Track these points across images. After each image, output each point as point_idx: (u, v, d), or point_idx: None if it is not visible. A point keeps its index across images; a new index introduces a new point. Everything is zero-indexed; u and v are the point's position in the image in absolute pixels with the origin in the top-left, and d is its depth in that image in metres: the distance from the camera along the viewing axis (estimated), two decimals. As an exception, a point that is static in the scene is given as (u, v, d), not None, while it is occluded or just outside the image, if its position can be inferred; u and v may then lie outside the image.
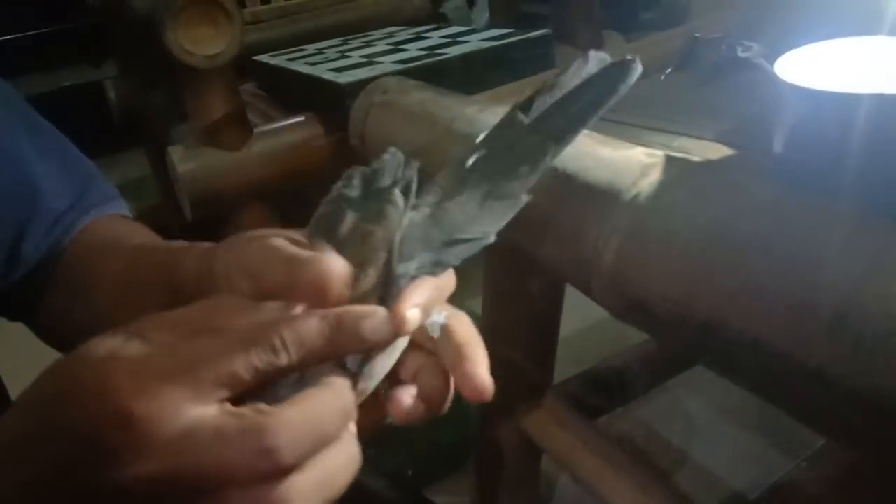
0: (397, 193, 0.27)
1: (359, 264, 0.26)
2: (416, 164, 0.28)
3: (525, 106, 0.30)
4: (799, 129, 0.39)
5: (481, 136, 0.30)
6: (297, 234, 0.29)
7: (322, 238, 0.27)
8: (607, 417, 0.78)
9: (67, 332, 0.44)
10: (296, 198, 0.95)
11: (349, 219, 0.27)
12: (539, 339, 0.66)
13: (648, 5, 1.51)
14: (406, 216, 0.27)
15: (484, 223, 0.28)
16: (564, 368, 0.76)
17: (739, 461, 0.91)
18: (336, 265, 0.25)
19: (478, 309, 0.70)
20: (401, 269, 0.26)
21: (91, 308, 0.41)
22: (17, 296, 0.45)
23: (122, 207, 0.50)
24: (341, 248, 0.26)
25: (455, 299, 0.30)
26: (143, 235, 0.45)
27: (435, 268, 0.27)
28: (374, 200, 0.27)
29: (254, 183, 0.92)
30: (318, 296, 0.25)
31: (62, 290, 0.45)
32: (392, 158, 0.28)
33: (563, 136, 0.30)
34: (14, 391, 0.49)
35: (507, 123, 0.30)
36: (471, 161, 0.29)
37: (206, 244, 0.33)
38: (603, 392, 0.70)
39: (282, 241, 0.28)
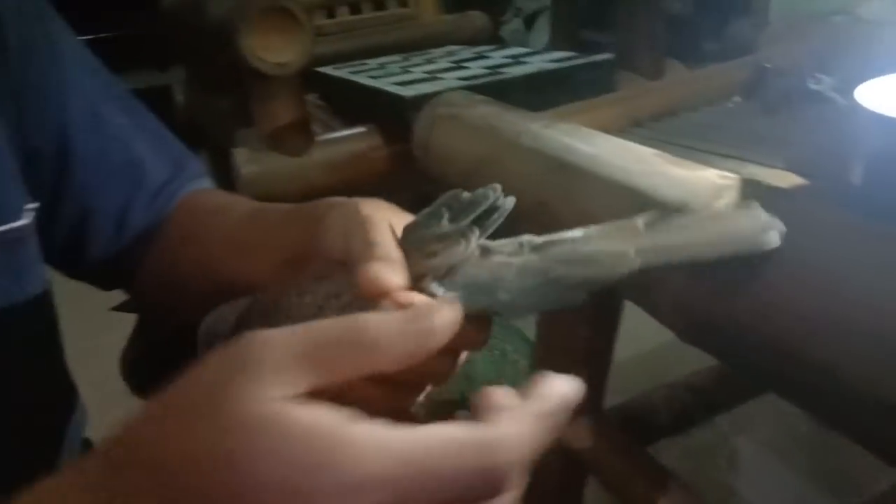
0: (475, 232, 0.28)
1: (414, 275, 0.28)
2: (508, 207, 0.29)
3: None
4: (880, 159, 0.39)
5: (591, 228, 0.30)
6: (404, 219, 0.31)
7: (407, 240, 0.29)
8: (653, 448, 0.76)
9: (170, 285, 0.48)
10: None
11: (429, 235, 0.29)
12: (593, 361, 0.65)
13: (712, 37, 1.50)
14: (471, 253, 0.28)
15: (534, 299, 0.28)
16: (609, 398, 0.75)
17: (786, 502, 0.88)
18: (392, 279, 0.26)
19: (530, 329, 0.70)
20: (436, 289, 0.28)
21: (204, 255, 0.45)
22: (121, 263, 0.48)
23: (211, 184, 0.53)
24: (409, 255, 0.29)
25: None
26: (252, 200, 0.48)
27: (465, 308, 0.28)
28: (456, 228, 0.29)
29: (313, 189, 0.94)
30: (370, 291, 0.26)
31: (167, 250, 0.48)
32: (492, 193, 0.29)
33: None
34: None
35: (622, 225, 0.29)
36: (569, 236, 0.29)
37: (340, 199, 0.35)
38: (652, 421, 0.69)
39: (380, 226, 0.30)
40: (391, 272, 0.27)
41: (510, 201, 0.29)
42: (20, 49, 0.43)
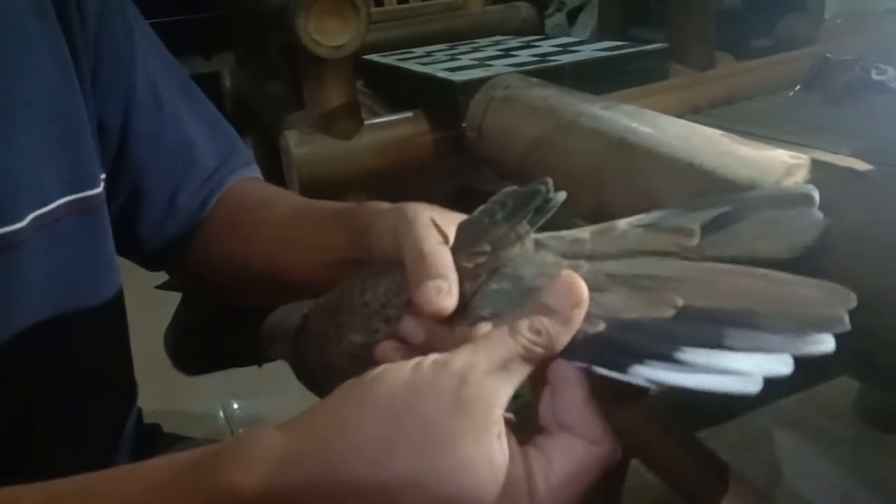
0: (529, 233, 0.29)
1: (465, 274, 0.29)
2: (559, 201, 0.30)
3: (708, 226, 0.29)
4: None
5: (647, 217, 0.29)
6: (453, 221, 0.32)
7: (461, 239, 0.31)
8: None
9: (220, 270, 0.49)
10: (400, 190, 0.97)
11: (484, 234, 0.30)
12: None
13: (762, 32, 1.48)
14: (526, 251, 0.29)
15: None
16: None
17: (828, 497, 0.87)
18: (444, 303, 0.29)
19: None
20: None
21: (247, 249, 0.46)
22: (167, 245, 0.49)
23: (258, 172, 0.54)
24: (460, 255, 0.30)
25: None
26: (297, 196, 0.49)
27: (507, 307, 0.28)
28: (511, 228, 0.29)
29: (361, 172, 0.95)
30: (426, 314, 0.29)
31: (212, 236, 0.48)
32: (544, 188, 0.30)
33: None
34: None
35: (676, 230, 0.29)
36: (622, 230, 0.29)
37: (384, 204, 0.36)
38: (696, 409, 0.69)
39: (430, 240, 0.31)
40: (444, 296, 0.28)
41: (561, 195, 0.30)
42: (98, 19, 0.44)
